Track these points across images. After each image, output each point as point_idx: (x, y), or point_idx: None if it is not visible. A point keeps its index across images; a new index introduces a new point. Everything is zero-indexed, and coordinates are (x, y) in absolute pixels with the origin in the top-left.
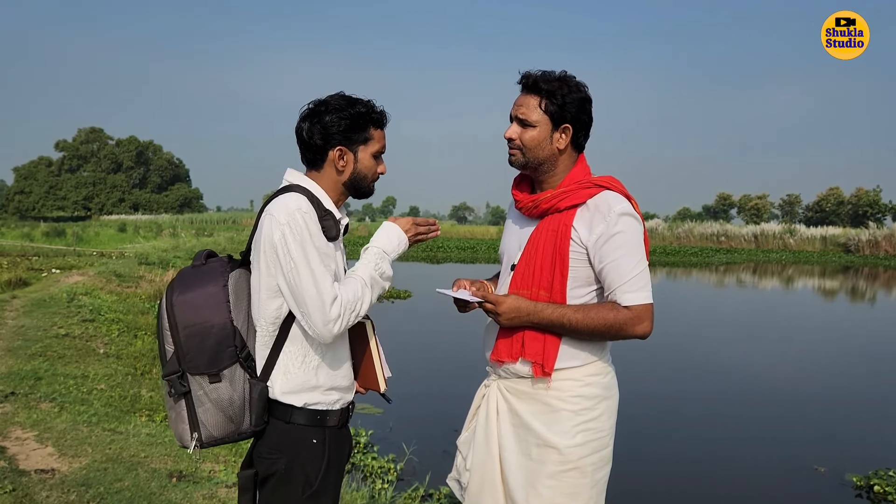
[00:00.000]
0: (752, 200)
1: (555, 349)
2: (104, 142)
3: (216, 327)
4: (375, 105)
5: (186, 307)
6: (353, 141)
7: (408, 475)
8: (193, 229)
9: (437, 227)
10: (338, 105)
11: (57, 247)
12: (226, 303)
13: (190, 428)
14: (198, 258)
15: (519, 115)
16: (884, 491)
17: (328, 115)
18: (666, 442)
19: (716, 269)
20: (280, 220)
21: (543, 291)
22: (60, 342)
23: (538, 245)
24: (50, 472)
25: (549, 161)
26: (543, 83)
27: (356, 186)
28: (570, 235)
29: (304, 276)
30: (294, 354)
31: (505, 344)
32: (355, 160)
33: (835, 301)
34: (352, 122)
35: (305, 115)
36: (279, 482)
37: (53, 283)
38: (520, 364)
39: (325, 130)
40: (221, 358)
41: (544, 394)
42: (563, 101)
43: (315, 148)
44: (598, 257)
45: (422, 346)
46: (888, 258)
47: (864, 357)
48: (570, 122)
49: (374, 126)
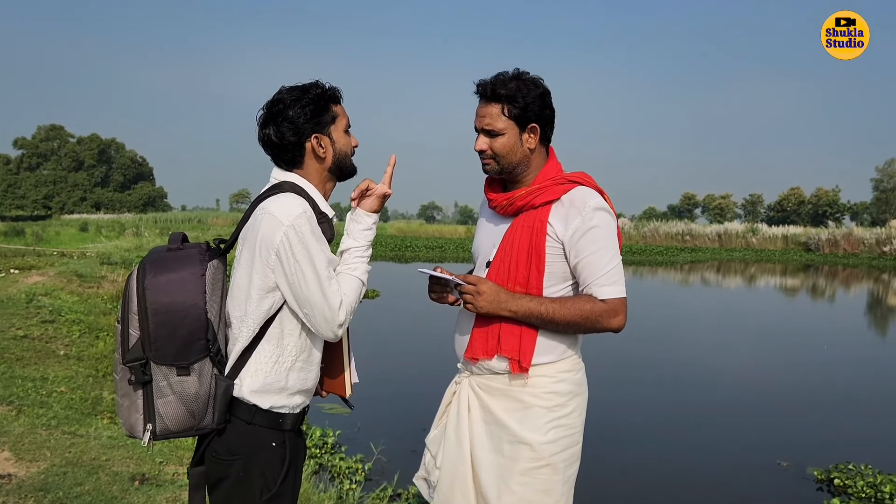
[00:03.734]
0: (716, 200)
1: (531, 345)
2: (65, 139)
3: (189, 317)
4: (324, 83)
5: (159, 291)
6: (322, 124)
7: (376, 475)
8: (157, 228)
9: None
10: (294, 97)
11: (16, 246)
12: (202, 292)
13: (144, 419)
14: (173, 241)
15: (485, 126)
16: (843, 484)
17: (290, 110)
18: (627, 442)
19: (681, 268)
20: (283, 222)
21: (520, 287)
22: (19, 344)
23: (514, 241)
24: (6, 477)
25: (522, 163)
26: (501, 89)
27: (341, 167)
28: (546, 231)
29: (311, 281)
30: (268, 354)
31: (480, 341)
32: (332, 141)
33: (796, 298)
34: (315, 106)
35: (265, 119)
36: (236, 485)
37: (12, 283)
38: (496, 361)
39: (294, 125)
40: (191, 350)
41: (518, 390)
42: (524, 103)
43: (290, 146)
44: (574, 252)
45: (389, 346)
46: (847, 256)
47: (825, 354)
48: (535, 121)
49: (334, 102)
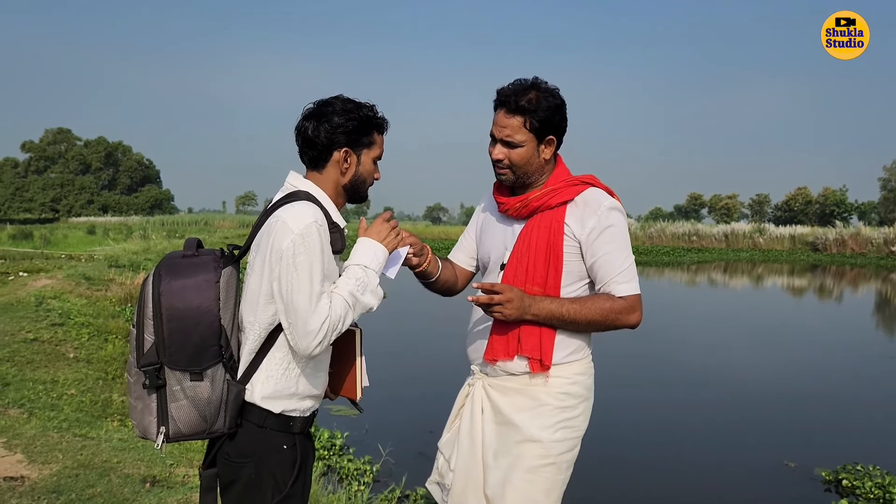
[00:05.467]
0: (722, 200)
1: (551, 344)
2: (72, 143)
3: (203, 323)
4: (378, 110)
5: (174, 296)
6: (358, 144)
7: (384, 477)
8: (164, 231)
9: (399, 232)
10: (344, 107)
11: (24, 250)
12: (216, 299)
13: (158, 421)
14: (188, 246)
15: (504, 137)
16: (851, 485)
17: (336, 116)
18: (635, 442)
19: (687, 269)
20: (293, 230)
21: (538, 287)
22: (29, 347)
23: (530, 242)
24: (19, 479)
25: (537, 172)
26: (524, 101)
27: (355, 189)
28: (564, 231)
29: (303, 292)
30: (279, 361)
31: (500, 342)
32: (358, 163)
33: (803, 299)
34: (360, 124)
35: (310, 113)
36: (248, 487)
37: (21, 286)
38: (516, 361)
39: (333, 130)
40: (204, 356)
41: (534, 389)
42: (544, 116)
43: (320, 147)
44: (591, 251)
45: (396, 348)
46: (854, 256)
47: (832, 354)
48: (552, 133)
49: (378, 131)
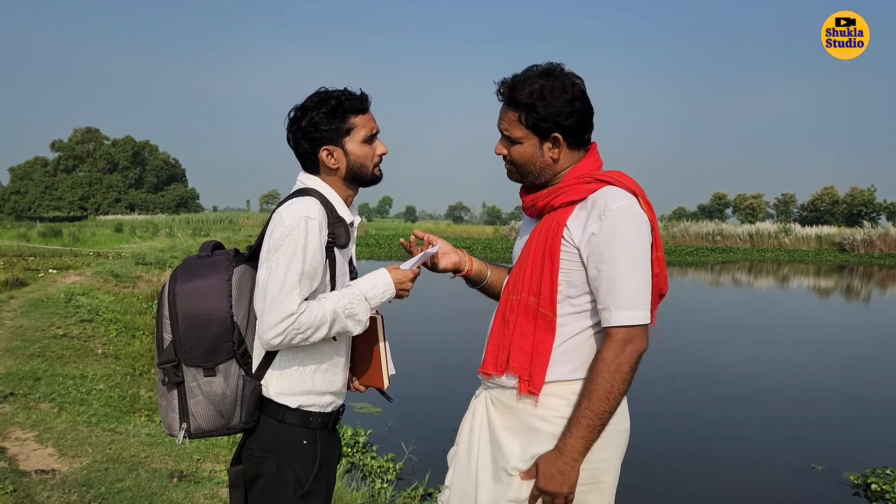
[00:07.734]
0: (747, 200)
1: (542, 367)
2: (100, 142)
3: (216, 321)
4: (350, 92)
5: (188, 297)
6: (335, 136)
7: (407, 474)
8: (190, 229)
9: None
10: (312, 106)
11: (53, 247)
12: (228, 297)
13: (180, 418)
14: (204, 248)
15: (503, 131)
16: (881, 489)
17: (304, 120)
18: (663, 442)
19: (711, 269)
20: (285, 223)
21: (532, 297)
22: (59, 342)
23: (531, 246)
24: (50, 472)
25: (545, 172)
26: (521, 94)
27: (356, 177)
28: (562, 234)
29: (277, 281)
30: (292, 357)
31: (492, 355)
32: (346, 153)
33: (831, 300)
34: (327, 118)
35: (288, 123)
36: (270, 482)
37: (51, 283)
38: (505, 377)
39: (306, 135)
40: (218, 352)
41: (527, 413)
42: (545, 113)
43: (305, 154)
44: (591, 262)
45: (419, 345)
46: (883, 257)
47: (861, 356)
48: (558, 132)
49: (353, 113)
